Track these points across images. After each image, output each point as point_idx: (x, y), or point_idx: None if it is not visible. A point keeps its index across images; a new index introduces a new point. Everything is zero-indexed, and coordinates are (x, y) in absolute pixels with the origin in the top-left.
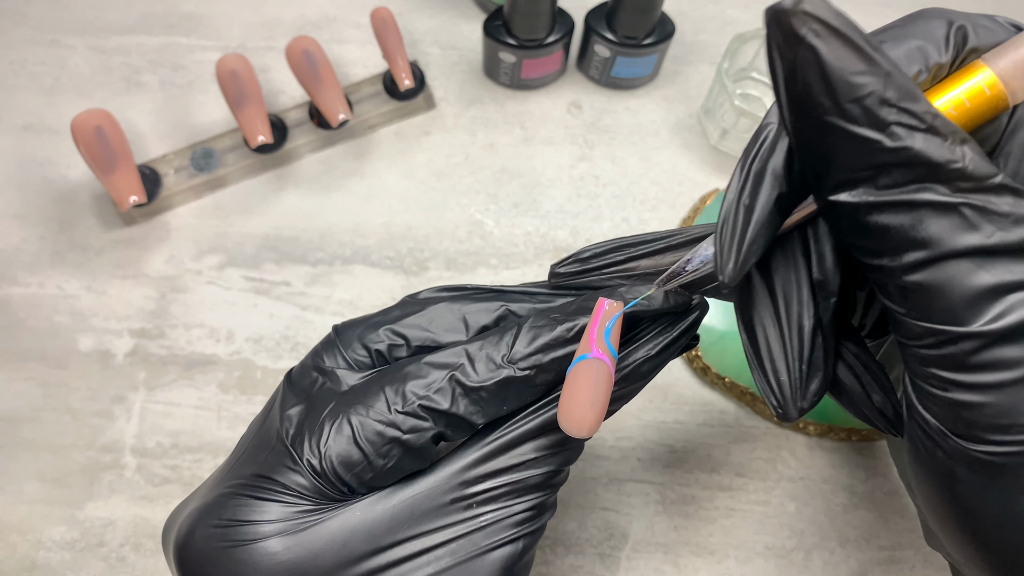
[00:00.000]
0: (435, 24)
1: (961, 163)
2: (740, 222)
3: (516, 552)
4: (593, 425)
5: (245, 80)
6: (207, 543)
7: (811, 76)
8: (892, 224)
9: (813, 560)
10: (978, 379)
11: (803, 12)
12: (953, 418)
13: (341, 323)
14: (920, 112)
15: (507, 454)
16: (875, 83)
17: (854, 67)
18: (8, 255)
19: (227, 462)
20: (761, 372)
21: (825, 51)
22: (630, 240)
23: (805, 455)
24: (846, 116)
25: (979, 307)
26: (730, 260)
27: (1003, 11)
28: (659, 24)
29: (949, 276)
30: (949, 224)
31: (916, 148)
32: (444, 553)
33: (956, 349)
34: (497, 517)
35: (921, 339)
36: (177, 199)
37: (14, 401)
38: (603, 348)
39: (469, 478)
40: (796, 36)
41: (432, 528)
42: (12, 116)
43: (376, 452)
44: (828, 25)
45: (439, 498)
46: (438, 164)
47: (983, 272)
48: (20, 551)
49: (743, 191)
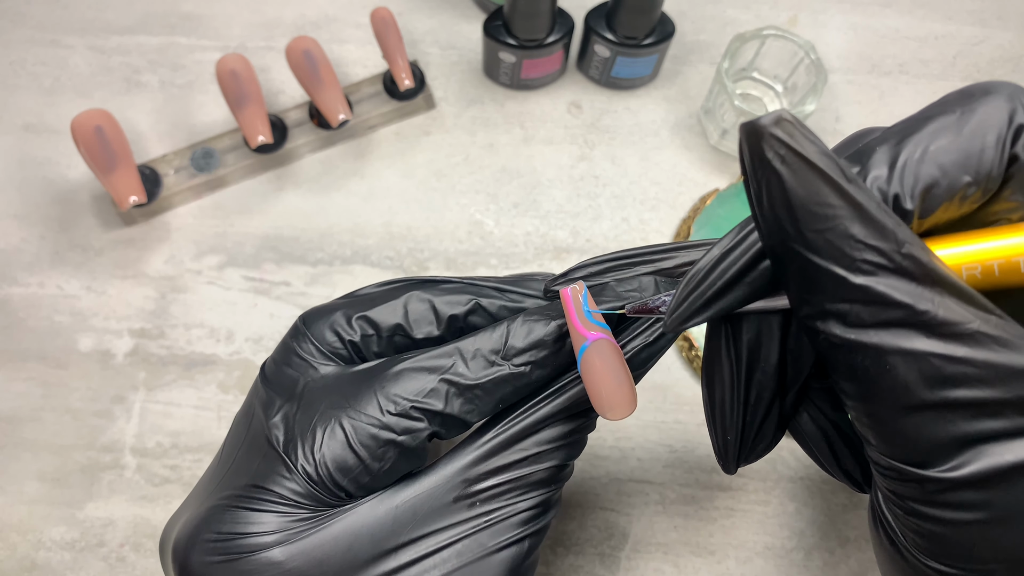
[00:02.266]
0: (435, 24)
1: (931, 309)
2: (707, 283)
3: (522, 552)
4: (630, 399)
5: (245, 80)
6: (207, 557)
7: (776, 201)
8: (859, 366)
9: (813, 560)
10: (939, 514)
11: (772, 136)
12: (914, 536)
13: (306, 312)
14: (888, 250)
15: (509, 450)
16: (842, 216)
17: (820, 198)
18: (8, 255)
19: (217, 468)
20: (712, 425)
21: (790, 179)
22: (621, 257)
23: (805, 455)
24: (809, 246)
25: (943, 454)
26: (677, 312)
27: (1004, 10)
28: (659, 24)
29: (915, 424)
30: (917, 373)
31: (879, 289)
32: (450, 555)
33: (919, 487)
34: (502, 516)
35: (887, 470)
36: (177, 199)
37: (14, 401)
38: (594, 328)
39: (471, 476)
40: (764, 159)
41: (436, 528)
42: (12, 116)
43: (372, 456)
44: (796, 152)
45: (442, 497)
46: (438, 164)
47: (953, 423)
48: (20, 551)
49: (728, 254)
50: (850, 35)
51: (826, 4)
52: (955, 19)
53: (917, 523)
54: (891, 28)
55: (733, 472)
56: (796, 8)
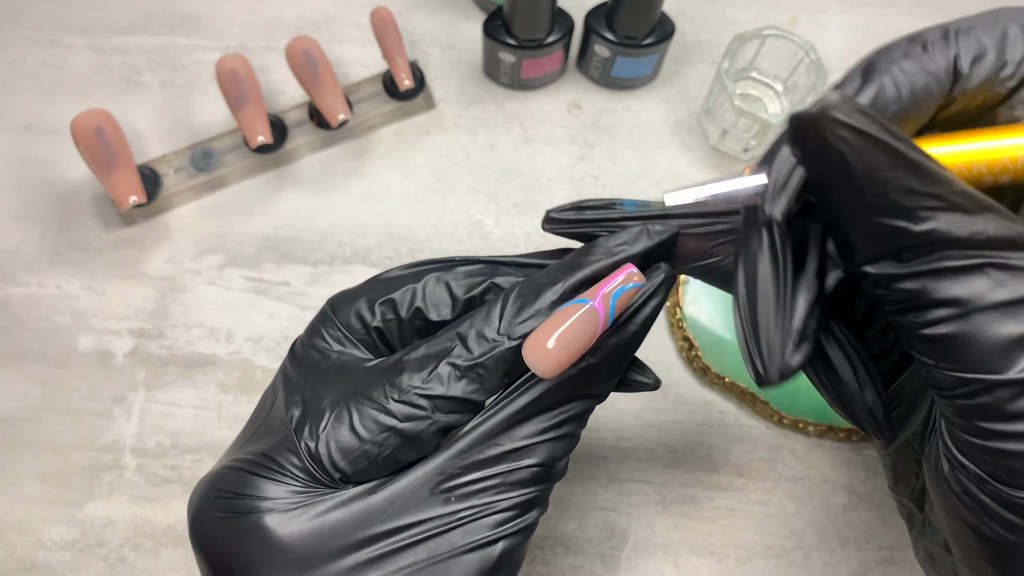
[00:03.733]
0: (435, 24)
1: (983, 232)
2: (794, 173)
3: (492, 555)
4: (553, 360)
5: (245, 80)
6: (212, 511)
7: (839, 178)
8: (916, 287)
9: (813, 560)
10: (1017, 428)
11: (832, 119)
12: (993, 465)
13: (334, 297)
14: (943, 192)
15: (484, 444)
16: (899, 175)
17: (882, 165)
18: (8, 255)
19: (241, 434)
20: (753, 331)
21: (853, 156)
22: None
23: (805, 455)
24: (873, 209)
25: (1011, 356)
26: (783, 191)
27: None
28: (659, 24)
29: (977, 327)
30: (974, 282)
31: (940, 229)
32: (421, 550)
33: (991, 398)
34: (475, 514)
35: (954, 389)
36: (177, 199)
37: (14, 401)
38: (605, 303)
39: (447, 471)
40: (824, 143)
41: (411, 522)
42: (12, 116)
43: (372, 440)
44: (854, 129)
45: (419, 490)
46: (438, 164)
47: (1012, 322)
48: (20, 551)
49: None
50: (850, 35)
51: (826, 4)
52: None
53: (995, 445)
54: (891, 28)
55: (775, 382)
56: (796, 8)
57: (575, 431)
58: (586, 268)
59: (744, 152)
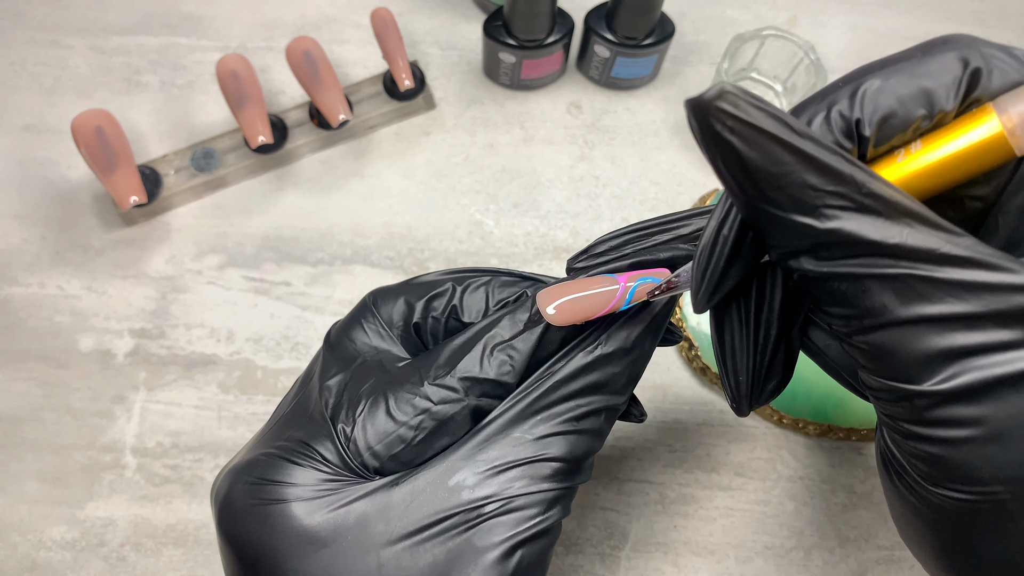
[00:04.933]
0: (435, 24)
1: (899, 239)
2: (716, 254)
3: (510, 557)
4: (560, 305)
5: (245, 80)
6: (241, 499)
7: (732, 168)
8: (838, 290)
9: (812, 560)
10: (934, 433)
11: (717, 109)
12: (916, 462)
13: (377, 291)
14: (848, 192)
15: (507, 432)
16: (797, 170)
17: (774, 158)
18: (8, 255)
19: (269, 421)
20: (723, 369)
21: (742, 147)
22: (640, 229)
23: (804, 455)
24: (773, 203)
25: (930, 368)
26: (700, 290)
27: (1004, 11)
28: (659, 24)
29: (899, 339)
30: (894, 293)
31: (847, 229)
32: (440, 550)
33: (911, 405)
34: (496, 510)
35: (879, 391)
36: (177, 199)
37: (15, 401)
38: (627, 286)
39: (468, 463)
40: (713, 131)
41: (432, 518)
42: (12, 116)
43: (407, 423)
44: (743, 121)
45: (440, 480)
46: (438, 164)
47: (933, 337)
48: (21, 551)
49: (723, 222)
50: (849, 35)
51: (826, 4)
52: (954, 19)
53: (915, 446)
54: (891, 28)
55: (746, 414)
56: (796, 8)
57: (594, 428)
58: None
59: None
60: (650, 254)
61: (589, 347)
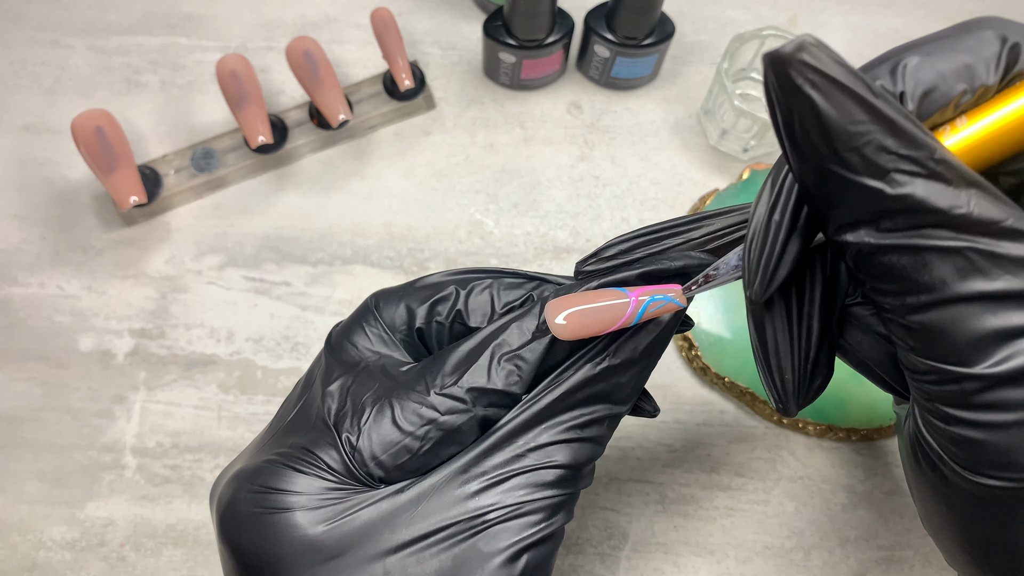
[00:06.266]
0: (435, 24)
1: (965, 208)
2: (770, 240)
3: (516, 562)
4: (567, 317)
5: (245, 80)
6: (244, 507)
7: (809, 125)
8: (895, 265)
9: (812, 560)
10: (980, 417)
11: (800, 62)
12: (954, 449)
13: (379, 293)
14: (921, 158)
15: (512, 440)
16: (874, 131)
17: (852, 116)
18: (8, 255)
19: (270, 427)
20: (767, 369)
21: (822, 103)
22: (650, 232)
23: (804, 455)
24: (845, 164)
25: (983, 350)
26: (757, 279)
27: (1004, 11)
28: (659, 24)
29: (953, 318)
30: (954, 267)
31: (917, 195)
32: (447, 557)
33: (959, 388)
34: (500, 516)
35: (925, 374)
36: (177, 199)
37: (15, 401)
38: (639, 301)
39: (473, 471)
40: (793, 85)
41: (437, 525)
42: (12, 116)
43: (413, 433)
44: (826, 75)
45: (446, 487)
46: (438, 164)
47: (989, 316)
48: (20, 551)
49: (775, 207)
50: (850, 35)
51: (826, 4)
52: (955, 19)
53: (957, 432)
54: (890, 28)
55: (794, 413)
56: (796, 8)
57: (598, 436)
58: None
59: (744, 152)
60: (661, 260)
61: (597, 358)
